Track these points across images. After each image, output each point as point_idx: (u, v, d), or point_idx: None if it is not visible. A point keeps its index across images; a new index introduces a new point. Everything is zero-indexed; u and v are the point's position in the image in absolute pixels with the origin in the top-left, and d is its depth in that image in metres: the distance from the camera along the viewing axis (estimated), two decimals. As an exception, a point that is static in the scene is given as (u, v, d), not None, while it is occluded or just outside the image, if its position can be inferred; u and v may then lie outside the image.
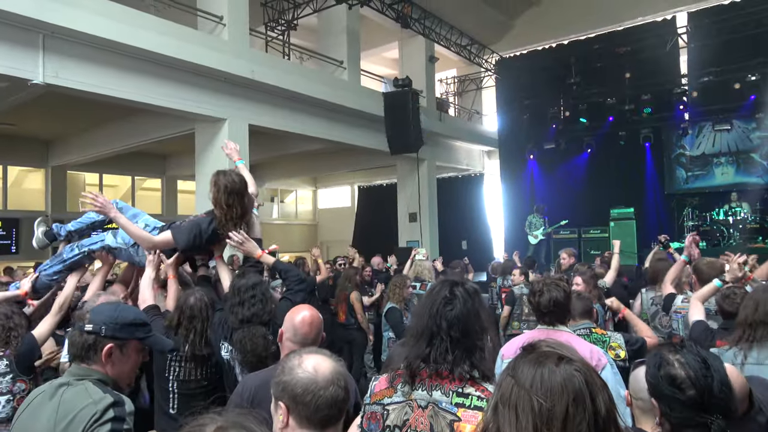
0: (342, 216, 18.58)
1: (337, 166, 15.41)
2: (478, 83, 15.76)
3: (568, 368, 1.04)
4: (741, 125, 11.66)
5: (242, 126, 8.84)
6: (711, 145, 12.06)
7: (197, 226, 3.04)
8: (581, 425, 0.98)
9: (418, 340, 1.70)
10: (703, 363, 1.41)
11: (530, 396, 1.01)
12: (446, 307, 1.69)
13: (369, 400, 1.73)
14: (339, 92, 10.25)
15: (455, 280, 1.79)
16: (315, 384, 1.35)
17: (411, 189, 13.00)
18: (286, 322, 2.17)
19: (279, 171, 16.31)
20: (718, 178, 12.04)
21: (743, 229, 10.88)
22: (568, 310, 2.70)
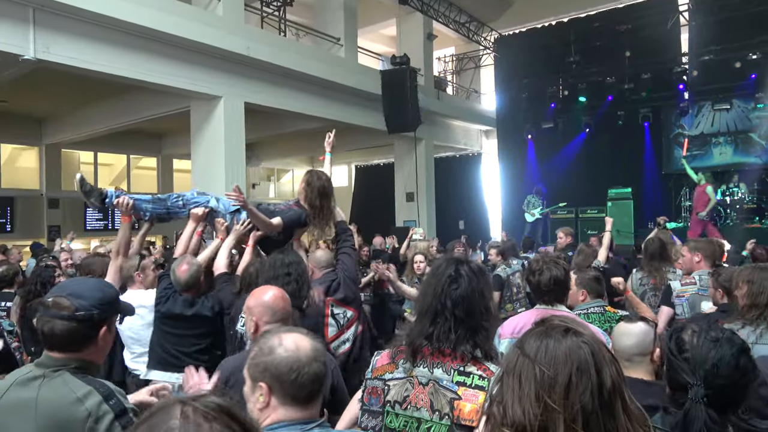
0: (339, 196, 18.24)
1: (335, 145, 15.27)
2: (476, 61, 15.61)
3: (574, 339, 1.04)
4: (741, 104, 11.60)
5: (238, 104, 8.75)
6: (710, 125, 12.01)
7: (299, 216, 3.53)
8: (584, 395, 0.99)
9: (422, 318, 1.69)
10: (714, 338, 1.45)
11: (534, 365, 1.03)
12: (451, 286, 1.68)
13: (370, 375, 1.74)
14: (336, 70, 10.13)
15: (460, 258, 1.78)
16: (299, 361, 1.35)
17: (408, 168, 12.97)
18: (255, 309, 2.08)
19: (275, 150, 16.22)
20: (716, 157, 12.02)
21: (740, 210, 10.91)
22: (567, 289, 2.70)
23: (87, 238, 13.55)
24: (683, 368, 1.42)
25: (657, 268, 4.34)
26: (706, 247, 3.71)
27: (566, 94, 12.94)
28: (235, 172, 8.74)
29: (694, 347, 1.44)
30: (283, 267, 2.72)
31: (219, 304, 3.11)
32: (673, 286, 3.64)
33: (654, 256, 4.42)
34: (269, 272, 2.73)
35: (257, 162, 16.85)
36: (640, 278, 4.48)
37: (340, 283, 3.21)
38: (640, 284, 4.43)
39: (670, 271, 4.27)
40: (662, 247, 4.47)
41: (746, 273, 2.50)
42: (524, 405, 1.00)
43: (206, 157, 8.77)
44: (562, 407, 0.98)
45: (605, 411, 0.99)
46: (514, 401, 1.02)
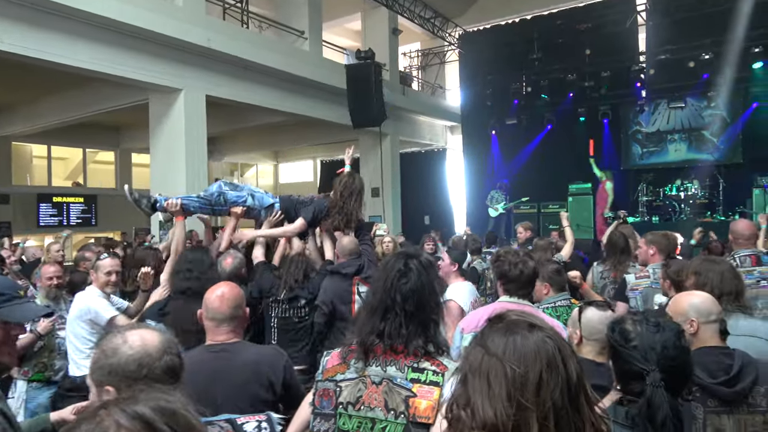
0: (304, 191, 18.27)
1: (299, 139, 15.19)
2: (441, 57, 15.70)
3: (540, 335, 1.03)
4: (694, 103, 12.03)
5: (199, 97, 8.57)
6: (666, 122, 12.41)
7: (320, 209, 3.88)
8: (555, 391, 0.98)
9: (372, 315, 1.67)
10: (655, 324, 1.51)
11: (503, 363, 1.00)
12: (400, 281, 1.67)
13: (321, 377, 1.70)
14: (300, 63, 10.03)
15: (410, 252, 1.77)
16: (149, 357, 1.28)
17: (374, 164, 12.96)
18: (203, 305, 2.11)
19: (239, 144, 15.96)
20: (671, 154, 12.44)
21: (693, 205, 11.32)
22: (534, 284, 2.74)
23: (40, 235, 13.07)
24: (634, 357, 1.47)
25: (620, 261, 4.44)
26: (660, 241, 3.80)
27: (529, 90, 13.17)
28: (197, 167, 8.57)
29: (640, 335, 1.49)
30: (186, 263, 2.87)
31: (259, 290, 3.60)
32: (628, 279, 3.73)
33: (618, 250, 4.52)
34: (174, 266, 2.94)
35: (220, 156, 16.54)
36: (601, 271, 4.58)
37: (364, 265, 3.63)
38: (600, 277, 4.52)
39: (631, 264, 4.37)
40: (626, 241, 4.58)
41: (695, 264, 2.57)
42: (495, 405, 0.98)
43: (166, 152, 8.56)
44: (535, 405, 0.97)
45: (573, 405, 0.99)
46: (484, 402, 0.99)
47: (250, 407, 1.93)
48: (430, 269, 1.72)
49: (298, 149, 18.05)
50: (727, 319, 2.32)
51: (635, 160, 12.78)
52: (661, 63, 11.49)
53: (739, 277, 2.46)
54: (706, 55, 10.94)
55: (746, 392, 1.78)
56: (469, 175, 14.82)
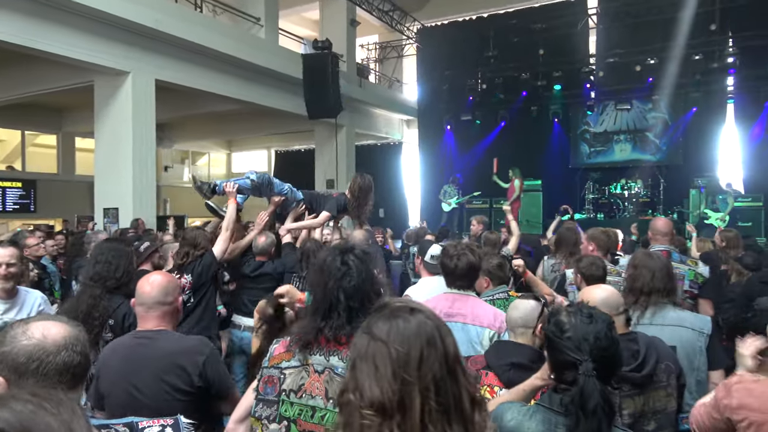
0: (258, 181, 18.09)
1: (253, 129, 14.95)
2: (399, 51, 15.72)
3: (420, 316, 1.14)
4: (639, 105, 12.53)
5: (148, 81, 8.28)
6: (612, 123, 12.89)
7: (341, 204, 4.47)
8: (434, 365, 1.09)
9: (314, 315, 1.67)
10: (588, 315, 1.57)
11: (387, 346, 1.09)
12: (342, 280, 1.66)
13: (267, 363, 1.71)
14: (255, 51, 9.84)
15: (345, 247, 1.75)
16: (43, 350, 1.24)
17: (329, 155, 12.89)
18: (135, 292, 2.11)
19: (190, 132, 15.55)
20: (617, 154, 12.94)
21: (636, 203, 11.82)
22: (478, 276, 2.79)
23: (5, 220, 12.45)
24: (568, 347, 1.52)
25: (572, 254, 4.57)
26: (600, 237, 3.94)
27: (484, 87, 13.36)
28: (145, 154, 8.29)
29: (573, 326, 1.54)
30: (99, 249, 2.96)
31: (283, 265, 4.12)
32: (567, 275, 3.84)
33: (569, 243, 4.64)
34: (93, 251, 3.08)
35: (169, 144, 16.08)
36: (552, 264, 4.71)
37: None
38: (551, 270, 4.65)
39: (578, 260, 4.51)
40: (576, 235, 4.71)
41: (636, 258, 2.69)
42: (382, 384, 1.07)
43: (112, 136, 8.25)
44: (417, 379, 1.07)
45: (451, 376, 1.11)
46: (371, 383, 1.07)
47: (167, 398, 1.93)
48: (367, 260, 1.72)
49: (252, 138, 17.77)
50: (658, 310, 2.45)
51: (583, 158, 13.21)
52: (609, 66, 11.89)
53: (672, 276, 2.58)
54: (652, 60, 11.40)
55: (653, 372, 1.92)
56: (424, 169, 14.94)
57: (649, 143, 12.57)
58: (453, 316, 2.54)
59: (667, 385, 1.94)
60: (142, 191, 8.37)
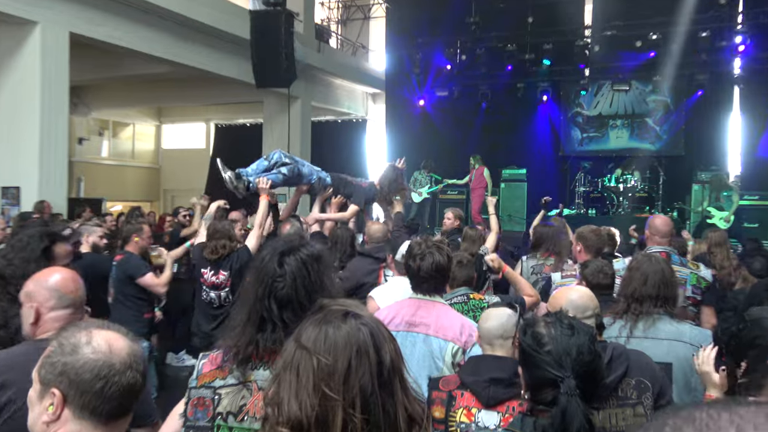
0: (193, 159, 17.80)
1: (189, 97, 14.70)
2: (365, 11, 15.66)
3: (353, 322, 1.15)
4: (639, 87, 12.84)
5: (60, 33, 8.05)
6: (608, 106, 13.18)
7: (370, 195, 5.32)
8: (364, 377, 1.10)
9: (246, 326, 1.64)
10: (569, 326, 1.60)
11: (311, 355, 1.11)
12: (274, 286, 1.64)
13: (195, 383, 1.67)
14: (193, 4, 9.64)
15: (287, 246, 1.73)
16: (110, 367, 1.26)
17: (280, 132, 12.77)
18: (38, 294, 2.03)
19: (112, 97, 15.17)
20: (612, 141, 13.26)
21: (632, 198, 12.10)
22: (448, 278, 2.82)
23: None
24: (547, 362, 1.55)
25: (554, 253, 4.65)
26: (588, 236, 4.03)
27: (463, 59, 13.44)
28: (54, 122, 8.05)
29: (553, 338, 1.58)
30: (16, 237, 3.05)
31: None
32: (553, 278, 3.93)
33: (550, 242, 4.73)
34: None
35: (85, 110, 15.61)
36: (532, 266, 4.78)
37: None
38: (532, 272, 4.73)
39: (565, 260, 4.59)
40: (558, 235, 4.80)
41: (633, 260, 2.78)
42: (301, 398, 1.09)
43: (13, 100, 7.99)
44: (341, 394, 1.08)
45: (385, 390, 1.13)
46: (290, 396, 1.10)
47: None
48: (313, 265, 1.69)
49: (188, 109, 17.50)
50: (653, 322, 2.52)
51: (574, 145, 13.49)
52: (606, 39, 12.11)
53: (670, 282, 2.65)
54: (654, 35, 11.66)
55: (613, 386, 1.97)
56: (393, 152, 14.90)
57: (649, 130, 12.92)
58: (415, 326, 2.57)
59: (638, 404, 1.98)
60: (51, 168, 8.15)
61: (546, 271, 4.63)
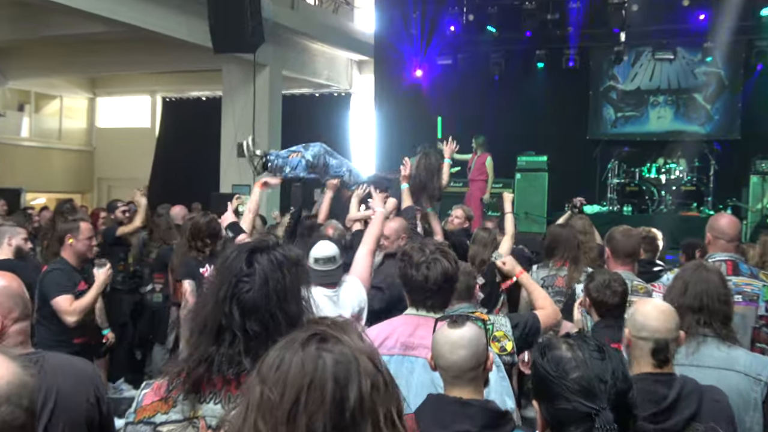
0: (135, 141, 17.77)
1: (130, 64, 14.65)
2: (350, -41, 15.63)
3: (313, 348, 1.14)
4: (686, 55, 12.84)
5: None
6: (648, 79, 13.17)
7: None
8: (314, 418, 1.07)
9: (200, 337, 1.66)
10: (597, 348, 1.60)
11: (262, 385, 1.12)
12: (238, 287, 1.66)
13: (133, 418, 1.68)
14: (136, -53, 9.59)
15: (258, 243, 1.76)
16: None
17: (243, 108, 12.74)
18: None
19: (33, 63, 15.13)
20: (653, 122, 13.27)
21: (676, 192, 12.07)
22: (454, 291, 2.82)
23: None
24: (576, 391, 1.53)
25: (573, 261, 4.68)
26: (618, 239, 4.02)
27: (471, 19, 13.40)
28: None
29: (582, 363, 1.56)
30: None
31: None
32: (579, 291, 3.91)
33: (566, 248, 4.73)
34: None
35: (1, 80, 15.54)
36: (543, 278, 4.81)
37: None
38: (542, 285, 4.73)
39: (585, 270, 4.59)
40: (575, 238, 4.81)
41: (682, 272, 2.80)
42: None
43: None
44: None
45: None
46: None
47: None
48: (291, 269, 1.71)
49: (129, 78, 17.50)
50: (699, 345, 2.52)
51: (606, 127, 13.50)
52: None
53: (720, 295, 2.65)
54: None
55: (678, 429, 1.96)
56: (383, 133, 14.91)
57: (698, 109, 12.92)
58: (413, 348, 2.57)
59: None
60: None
61: (558, 284, 4.64)
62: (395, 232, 4.60)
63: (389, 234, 4.59)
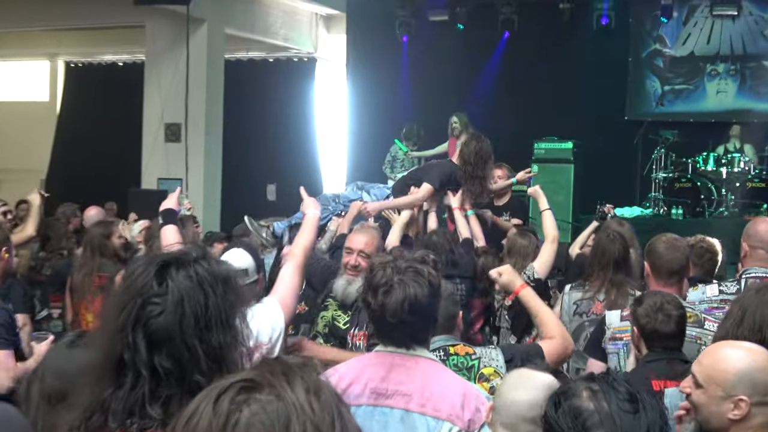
0: (28, 120, 17.69)
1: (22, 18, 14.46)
2: None
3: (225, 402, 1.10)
4: (754, 11, 12.89)
5: None
6: (705, 42, 13.23)
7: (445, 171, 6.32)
8: None
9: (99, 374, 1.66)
10: (629, 395, 1.61)
11: None
12: (146, 309, 1.65)
13: None
14: None
15: (174, 255, 1.76)
16: None
17: (173, 77, 12.72)
18: None
19: None
20: (710, 98, 13.34)
21: (742, 189, 12.11)
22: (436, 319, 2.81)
23: None
24: None
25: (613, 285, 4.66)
26: (660, 252, 4.05)
27: (474, -38, 13.46)
28: None
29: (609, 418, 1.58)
30: None
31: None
32: (609, 319, 3.95)
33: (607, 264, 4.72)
34: None
35: None
36: (576, 302, 4.80)
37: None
38: (575, 312, 4.77)
39: (630, 293, 4.57)
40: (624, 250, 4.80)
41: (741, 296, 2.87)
42: None
43: None
44: None
45: None
46: None
47: None
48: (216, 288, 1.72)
49: (20, 37, 17.26)
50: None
51: (649, 105, 13.55)
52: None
53: None
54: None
55: None
56: (358, 108, 14.95)
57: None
58: (387, 397, 2.59)
59: None
60: None
61: (597, 311, 4.63)
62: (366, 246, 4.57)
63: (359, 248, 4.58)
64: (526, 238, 5.55)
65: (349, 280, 4.62)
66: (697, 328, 3.63)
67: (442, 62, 13.89)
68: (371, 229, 5.05)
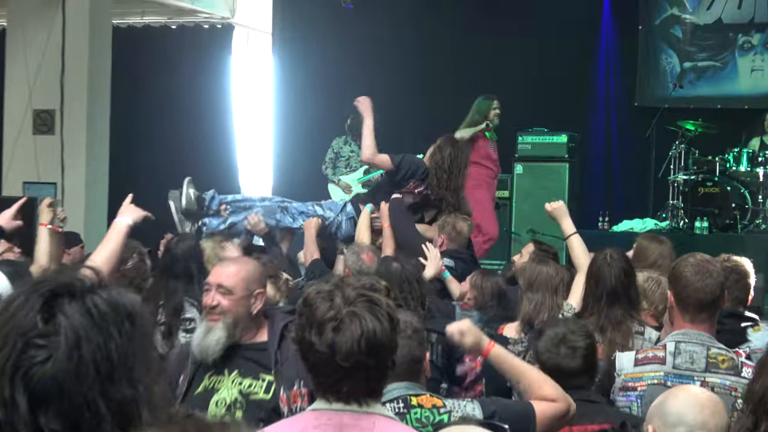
0: None
1: None
2: None
3: None
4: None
5: None
6: (736, 7, 13.62)
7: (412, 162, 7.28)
8: None
9: None
10: None
11: None
12: (28, 355, 1.56)
13: None
14: None
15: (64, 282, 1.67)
16: None
17: (44, 49, 12.79)
18: None
19: None
20: (743, 79, 13.77)
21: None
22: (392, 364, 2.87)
23: None
24: None
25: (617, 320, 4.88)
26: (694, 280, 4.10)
27: None
28: None
29: None
30: None
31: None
32: (620, 363, 4.14)
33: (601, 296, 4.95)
34: None
35: None
36: None
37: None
38: None
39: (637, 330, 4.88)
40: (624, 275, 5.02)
41: None
42: None
43: None
44: None
45: None
46: None
47: None
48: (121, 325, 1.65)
49: None
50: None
51: (666, 88, 13.96)
52: None
53: None
54: None
55: None
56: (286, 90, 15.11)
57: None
58: None
59: None
60: None
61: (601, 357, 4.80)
62: (228, 279, 4.41)
63: (217, 281, 4.42)
64: (552, 268, 5.54)
65: (208, 328, 4.40)
66: (732, 376, 3.73)
67: (397, 35, 14.20)
68: (245, 258, 5.28)
